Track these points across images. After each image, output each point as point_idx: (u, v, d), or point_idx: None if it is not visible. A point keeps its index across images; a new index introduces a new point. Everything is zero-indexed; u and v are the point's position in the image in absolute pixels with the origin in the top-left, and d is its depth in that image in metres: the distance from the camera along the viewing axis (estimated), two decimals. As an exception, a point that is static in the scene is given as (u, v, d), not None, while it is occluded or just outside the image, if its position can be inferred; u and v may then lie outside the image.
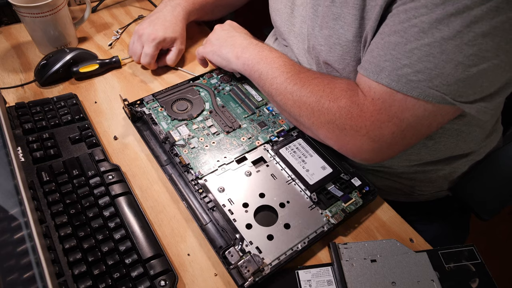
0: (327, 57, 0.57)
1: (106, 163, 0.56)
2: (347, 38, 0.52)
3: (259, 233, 0.49)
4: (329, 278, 0.46)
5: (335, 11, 0.52)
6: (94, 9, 0.91)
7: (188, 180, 0.54)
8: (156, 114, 0.62)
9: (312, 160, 0.57)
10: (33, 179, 0.53)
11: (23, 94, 0.69)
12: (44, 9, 0.70)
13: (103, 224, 0.49)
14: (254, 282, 0.44)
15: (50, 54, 0.71)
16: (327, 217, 0.51)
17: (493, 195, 0.74)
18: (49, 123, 0.61)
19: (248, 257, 0.45)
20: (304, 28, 0.61)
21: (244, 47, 0.62)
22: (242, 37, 0.64)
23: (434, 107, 0.44)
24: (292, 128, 0.61)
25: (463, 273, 0.46)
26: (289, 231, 0.49)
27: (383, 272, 0.46)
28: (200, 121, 0.62)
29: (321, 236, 0.49)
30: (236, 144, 0.59)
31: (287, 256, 0.47)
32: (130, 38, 0.83)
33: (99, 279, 0.44)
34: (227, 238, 0.48)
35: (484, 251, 0.51)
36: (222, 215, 0.50)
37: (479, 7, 0.38)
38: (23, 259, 0.39)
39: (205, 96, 0.66)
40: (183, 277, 0.48)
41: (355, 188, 0.54)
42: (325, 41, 0.55)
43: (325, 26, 0.54)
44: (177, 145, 0.58)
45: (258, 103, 0.65)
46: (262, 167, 0.56)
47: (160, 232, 0.52)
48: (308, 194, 0.53)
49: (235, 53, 0.62)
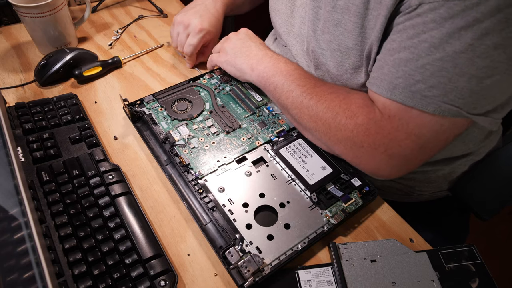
0: (326, 61, 0.57)
1: (106, 163, 0.56)
2: (346, 45, 0.52)
3: (259, 233, 0.49)
4: (329, 278, 0.47)
5: (336, 17, 0.52)
6: (94, 9, 0.91)
7: (188, 180, 0.54)
8: (156, 114, 0.62)
9: (312, 160, 0.57)
10: (33, 179, 0.53)
11: (23, 94, 0.69)
12: (44, 9, 0.70)
13: (103, 224, 0.49)
14: (254, 282, 0.44)
15: (50, 54, 0.71)
16: (327, 217, 0.51)
17: (493, 195, 0.74)
18: (49, 123, 0.61)
19: (248, 257, 0.45)
20: (303, 30, 0.61)
21: (260, 58, 0.60)
22: (257, 47, 0.63)
23: (450, 121, 0.44)
24: (292, 128, 0.61)
25: (463, 273, 0.46)
26: (289, 231, 0.49)
27: (383, 272, 0.46)
28: (200, 121, 0.62)
29: (321, 236, 0.49)
30: (236, 144, 0.59)
31: (287, 256, 0.47)
32: (130, 38, 0.83)
33: (99, 279, 0.44)
34: (227, 238, 0.48)
35: (484, 251, 0.51)
36: (222, 215, 0.50)
37: (489, 19, 0.38)
38: (23, 259, 0.39)
39: (205, 96, 0.66)
40: (183, 277, 0.48)
41: (355, 188, 0.54)
42: (326, 45, 0.55)
43: (326, 31, 0.54)
44: (177, 145, 0.58)
45: (258, 103, 0.65)
46: (262, 167, 0.56)
47: (160, 232, 0.52)
48: (308, 194, 0.53)
49: (250, 65, 0.61)
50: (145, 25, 0.88)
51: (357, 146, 0.50)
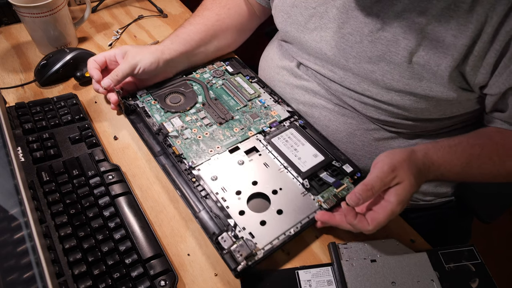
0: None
1: (106, 163, 0.56)
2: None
3: (252, 219, 0.50)
4: (329, 278, 0.47)
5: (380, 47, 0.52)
6: (94, 9, 0.91)
7: (182, 169, 0.55)
8: (149, 107, 0.63)
9: (304, 149, 0.58)
10: (33, 179, 0.53)
11: (23, 94, 0.69)
12: (44, 9, 0.70)
13: (103, 224, 0.49)
14: (247, 266, 0.45)
15: (50, 54, 0.71)
16: (319, 202, 0.52)
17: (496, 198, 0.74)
18: (49, 123, 0.61)
19: (241, 242, 0.46)
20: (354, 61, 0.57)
21: (419, 182, 0.48)
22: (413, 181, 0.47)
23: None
24: (284, 119, 0.62)
25: (463, 273, 0.46)
26: (281, 217, 0.50)
27: (383, 272, 0.46)
28: (193, 113, 0.63)
29: (313, 221, 0.50)
30: (229, 135, 0.60)
31: (279, 241, 0.48)
32: (130, 38, 0.83)
33: (99, 279, 0.44)
34: (221, 224, 0.49)
35: (484, 251, 0.51)
36: (215, 203, 0.51)
37: None
38: (23, 259, 0.39)
39: (198, 90, 0.67)
40: (183, 277, 0.48)
41: (347, 174, 0.55)
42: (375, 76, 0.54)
43: (368, 61, 0.54)
44: (170, 136, 0.59)
45: (251, 95, 0.66)
46: (255, 156, 0.57)
47: (160, 232, 0.52)
48: (300, 181, 0.54)
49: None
50: (145, 25, 0.88)
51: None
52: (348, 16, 0.54)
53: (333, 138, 0.64)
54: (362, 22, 0.53)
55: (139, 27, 0.87)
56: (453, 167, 0.50)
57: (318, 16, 0.58)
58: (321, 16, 0.58)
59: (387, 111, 0.57)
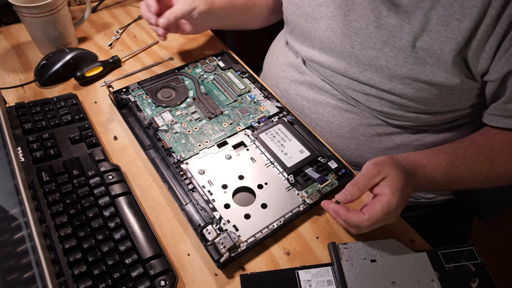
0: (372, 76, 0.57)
1: (106, 163, 0.56)
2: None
3: (236, 212, 0.51)
4: (329, 278, 0.47)
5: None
6: (94, 9, 0.91)
7: (170, 163, 0.56)
8: (141, 101, 0.65)
9: (291, 144, 0.59)
10: (33, 179, 0.53)
11: (23, 94, 0.69)
12: (44, 9, 0.70)
13: (103, 224, 0.49)
14: (229, 258, 0.46)
15: (50, 54, 0.71)
16: (303, 197, 0.53)
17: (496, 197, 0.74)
18: (49, 123, 0.61)
19: (225, 234, 0.47)
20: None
21: (410, 180, 0.49)
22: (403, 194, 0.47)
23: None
24: (272, 115, 0.64)
25: (463, 273, 0.46)
26: (265, 211, 0.51)
27: (383, 272, 0.46)
28: (183, 107, 0.64)
29: (297, 215, 0.51)
30: (218, 129, 0.61)
31: (263, 234, 0.49)
32: (130, 38, 0.83)
33: (99, 279, 0.44)
34: (206, 217, 0.50)
35: (484, 251, 0.51)
36: (201, 196, 0.52)
37: None
38: (23, 259, 0.39)
39: (189, 85, 0.68)
40: (183, 277, 0.48)
41: (331, 170, 0.56)
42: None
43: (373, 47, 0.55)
44: (160, 130, 0.60)
45: (241, 91, 0.67)
46: (242, 151, 0.58)
47: (160, 232, 0.52)
48: (286, 176, 0.55)
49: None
50: (145, 25, 0.87)
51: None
52: (354, 3, 0.56)
53: (337, 134, 0.65)
54: (367, 8, 0.55)
55: (139, 27, 0.87)
56: (438, 167, 0.51)
57: (325, 5, 0.60)
58: (328, 4, 0.59)
59: (390, 101, 0.58)
